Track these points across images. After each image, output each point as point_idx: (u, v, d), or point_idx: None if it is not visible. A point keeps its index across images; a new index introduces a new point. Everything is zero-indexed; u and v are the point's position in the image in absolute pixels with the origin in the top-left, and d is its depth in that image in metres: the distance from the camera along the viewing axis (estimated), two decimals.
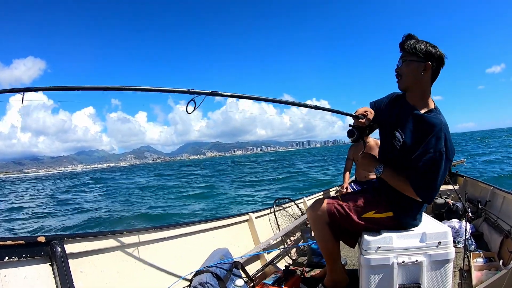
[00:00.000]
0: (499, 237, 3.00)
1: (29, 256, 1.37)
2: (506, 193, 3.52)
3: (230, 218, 2.98)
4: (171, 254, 2.18)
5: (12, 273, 1.30)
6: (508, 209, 3.36)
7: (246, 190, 19.66)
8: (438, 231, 1.79)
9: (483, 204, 3.94)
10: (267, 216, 3.67)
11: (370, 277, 1.80)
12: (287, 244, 3.54)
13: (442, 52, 1.87)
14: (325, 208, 2.08)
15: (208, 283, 1.88)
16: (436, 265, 1.76)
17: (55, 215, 14.30)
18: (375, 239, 1.81)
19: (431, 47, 1.85)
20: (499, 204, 3.65)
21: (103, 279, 1.68)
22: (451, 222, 3.69)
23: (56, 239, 1.48)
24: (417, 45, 1.85)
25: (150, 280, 1.92)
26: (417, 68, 1.86)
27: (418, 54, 1.85)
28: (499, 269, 2.40)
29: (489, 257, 2.75)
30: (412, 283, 1.77)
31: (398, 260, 1.76)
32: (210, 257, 2.29)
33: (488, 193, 4.04)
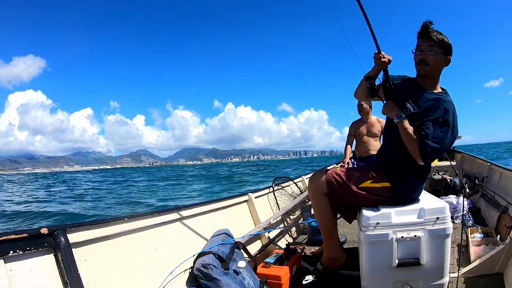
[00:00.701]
0: (496, 213, 3.04)
1: (33, 249, 1.37)
2: (503, 169, 3.54)
3: (230, 199, 2.99)
4: (173, 238, 2.20)
5: (18, 266, 1.31)
6: (505, 185, 3.38)
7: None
8: (436, 206, 1.81)
9: (480, 180, 3.98)
10: (267, 195, 3.69)
11: (370, 253, 1.83)
12: (287, 223, 3.58)
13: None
14: (323, 178, 2.13)
15: (210, 265, 1.90)
16: (435, 240, 1.78)
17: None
18: (374, 215, 1.83)
19: (449, 41, 1.94)
20: (496, 180, 3.68)
21: (108, 266, 1.69)
22: (448, 198, 3.73)
23: (59, 229, 1.49)
24: (444, 38, 1.92)
25: (153, 264, 1.94)
26: (442, 60, 1.95)
27: (445, 47, 1.93)
28: (496, 244, 2.44)
29: (486, 232, 2.80)
30: (411, 258, 1.79)
31: (397, 235, 1.78)
32: (212, 238, 2.31)
33: (485, 169, 4.07)
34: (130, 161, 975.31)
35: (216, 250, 2.05)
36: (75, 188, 26.60)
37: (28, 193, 22.50)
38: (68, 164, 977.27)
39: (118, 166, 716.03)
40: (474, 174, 4.39)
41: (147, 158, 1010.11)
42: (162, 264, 1.98)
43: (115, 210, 13.82)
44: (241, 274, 2.07)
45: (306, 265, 2.61)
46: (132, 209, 13.71)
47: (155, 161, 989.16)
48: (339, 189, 2.08)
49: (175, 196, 19.27)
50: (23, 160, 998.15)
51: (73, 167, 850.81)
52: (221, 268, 1.94)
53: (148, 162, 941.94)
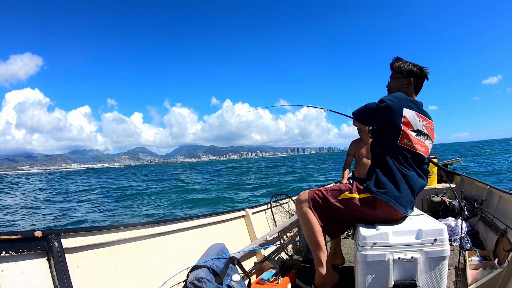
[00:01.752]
0: (494, 236, 3.02)
1: (26, 251, 1.36)
2: (503, 192, 3.53)
3: (227, 214, 2.98)
4: (168, 249, 2.18)
5: (10, 268, 1.30)
6: (504, 208, 3.37)
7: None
8: (434, 228, 1.80)
9: (479, 203, 3.95)
10: (264, 212, 3.67)
11: (366, 273, 1.81)
12: (284, 240, 3.54)
13: (425, 70, 2.32)
14: (307, 194, 2.31)
15: (204, 278, 1.88)
16: (432, 262, 1.77)
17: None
18: (371, 235, 1.81)
19: (413, 66, 2.31)
20: (495, 203, 3.66)
21: (100, 274, 1.67)
22: (447, 220, 3.71)
23: (53, 233, 1.48)
24: (402, 65, 2.33)
25: (146, 275, 1.92)
26: (402, 83, 2.32)
27: (402, 72, 2.32)
28: (494, 267, 2.41)
29: (484, 255, 2.77)
30: (408, 279, 1.77)
31: (394, 256, 1.76)
32: (207, 252, 2.29)
33: (484, 192, 4.05)
34: (128, 159, 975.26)
35: (211, 264, 2.03)
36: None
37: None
38: (66, 162, 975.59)
39: (116, 164, 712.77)
40: (473, 196, 4.37)
41: (145, 156, 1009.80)
42: (155, 275, 1.96)
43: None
44: None
45: (301, 284, 2.57)
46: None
47: (153, 158, 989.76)
48: (321, 203, 2.23)
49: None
50: (21, 159, 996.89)
51: (70, 165, 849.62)
52: (215, 282, 1.91)
53: (146, 159, 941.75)
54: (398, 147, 2.10)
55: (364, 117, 2.37)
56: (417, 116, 2.12)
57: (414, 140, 2.10)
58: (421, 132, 2.13)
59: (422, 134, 2.14)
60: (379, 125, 2.29)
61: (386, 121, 2.15)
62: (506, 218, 3.10)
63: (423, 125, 2.14)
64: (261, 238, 3.01)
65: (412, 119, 2.10)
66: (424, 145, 2.15)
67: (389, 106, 2.11)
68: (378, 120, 2.23)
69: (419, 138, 2.12)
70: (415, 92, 2.34)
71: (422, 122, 2.14)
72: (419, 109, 2.17)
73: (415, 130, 2.11)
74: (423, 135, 2.15)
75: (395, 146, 2.11)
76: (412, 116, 2.10)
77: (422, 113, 2.16)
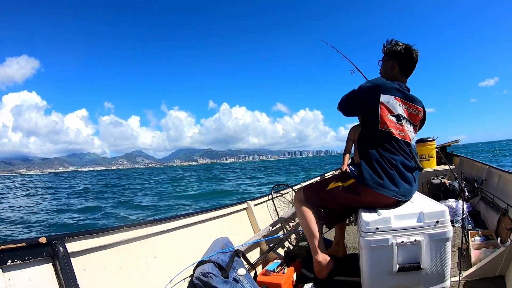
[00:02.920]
0: (496, 215, 3.03)
1: (31, 258, 1.37)
2: (502, 171, 3.54)
3: (229, 207, 2.98)
4: (172, 246, 2.19)
5: (16, 276, 1.30)
6: (504, 187, 3.38)
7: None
8: (436, 210, 1.80)
9: (480, 183, 3.97)
10: (266, 203, 3.68)
11: (370, 258, 1.82)
12: (287, 230, 3.56)
13: (412, 51, 2.22)
14: (301, 191, 2.43)
15: (210, 273, 1.88)
16: (435, 244, 1.78)
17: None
18: (373, 220, 1.82)
19: (398, 46, 2.24)
20: (495, 182, 3.68)
21: (107, 276, 1.68)
22: (448, 202, 3.72)
23: (58, 239, 1.48)
24: (387, 47, 2.30)
25: (152, 273, 1.93)
26: (387, 65, 2.29)
27: (387, 54, 2.29)
28: (497, 247, 2.43)
29: (486, 235, 2.79)
30: (412, 262, 1.78)
31: (397, 240, 1.77)
32: (211, 247, 2.30)
33: (484, 172, 4.07)
34: (125, 162, 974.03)
35: (216, 259, 2.04)
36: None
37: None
38: (63, 165, 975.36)
39: (113, 167, 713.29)
40: (473, 177, 4.39)
41: (142, 159, 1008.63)
42: (161, 273, 1.97)
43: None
44: (241, 282, 2.05)
45: (306, 272, 2.59)
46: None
47: (150, 162, 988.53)
48: (314, 197, 2.34)
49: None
50: (18, 162, 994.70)
51: (68, 169, 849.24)
52: (221, 276, 1.92)
53: (143, 163, 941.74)
54: (380, 132, 2.09)
55: (345, 107, 2.33)
56: (396, 101, 2.09)
57: (393, 125, 2.08)
58: (401, 117, 2.10)
59: (404, 119, 2.11)
60: (358, 112, 2.33)
61: (364, 108, 2.19)
62: (506, 197, 3.12)
63: (403, 110, 2.10)
64: (264, 230, 3.02)
65: (391, 104, 2.08)
66: (404, 129, 2.11)
67: (363, 92, 2.16)
68: (357, 107, 2.28)
69: (400, 123, 2.10)
70: (405, 75, 2.27)
71: (403, 106, 2.11)
72: (400, 93, 2.12)
73: (396, 115, 2.09)
74: (404, 119, 2.11)
75: (376, 132, 2.10)
76: (390, 101, 2.08)
77: (404, 98, 2.12)
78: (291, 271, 2.41)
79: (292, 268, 2.45)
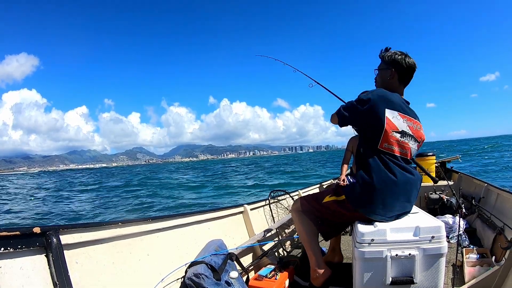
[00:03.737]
0: (492, 234, 3.03)
1: (24, 247, 1.36)
2: (500, 190, 3.54)
3: (225, 210, 2.98)
4: (166, 245, 2.18)
5: (8, 264, 1.30)
6: (501, 206, 3.38)
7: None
8: (432, 225, 1.80)
9: (477, 201, 3.97)
10: (262, 208, 3.68)
11: (363, 269, 1.81)
12: (282, 236, 3.55)
13: (410, 60, 2.16)
14: (298, 202, 2.46)
15: (202, 274, 1.88)
16: (429, 259, 1.77)
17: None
18: (369, 231, 1.82)
19: (397, 55, 2.16)
20: (493, 200, 3.67)
21: (99, 270, 1.67)
22: (444, 218, 3.72)
23: (52, 230, 1.47)
24: (386, 54, 2.21)
25: (145, 271, 1.92)
26: (385, 74, 2.20)
27: (386, 63, 2.20)
28: (491, 265, 2.42)
29: (482, 253, 2.78)
30: (405, 276, 1.78)
31: (391, 253, 1.77)
32: (205, 248, 2.29)
33: (482, 190, 4.06)
34: (126, 159, 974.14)
35: (209, 260, 2.03)
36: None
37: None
38: (63, 163, 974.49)
39: (114, 164, 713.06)
40: (471, 194, 4.38)
41: (143, 156, 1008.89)
42: (153, 271, 1.97)
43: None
44: (233, 285, 2.04)
45: (299, 280, 2.58)
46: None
47: (151, 158, 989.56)
48: (311, 208, 2.36)
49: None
50: (19, 160, 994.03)
51: (68, 166, 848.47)
52: (213, 278, 1.92)
53: (144, 159, 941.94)
54: (379, 151, 2.02)
55: (344, 120, 2.21)
56: (400, 117, 2.03)
57: (396, 142, 2.02)
58: (405, 133, 2.03)
59: (407, 135, 2.04)
60: (360, 127, 2.20)
61: (366, 123, 2.08)
62: (503, 216, 3.11)
63: (407, 126, 2.04)
64: (259, 234, 3.01)
65: (395, 120, 2.01)
66: (408, 146, 2.06)
67: (366, 105, 2.04)
68: (358, 121, 2.16)
69: (403, 139, 2.03)
70: (403, 84, 2.22)
71: (407, 122, 2.05)
72: (402, 108, 2.06)
73: (400, 132, 2.02)
74: (408, 136, 2.05)
75: (376, 151, 2.03)
76: (395, 117, 2.01)
77: (406, 113, 2.06)
78: (284, 277, 2.40)
79: (285, 274, 2.45)
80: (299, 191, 4.69)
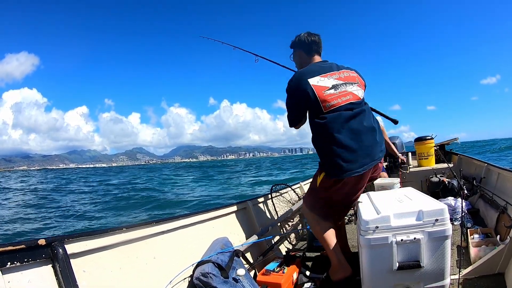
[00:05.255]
0: (495, 213, 3.04)
1: (31, 260, 1.36)
2: (501, 169, 3.55)
3: (228, 207, 2.98)
4: (172, 247, 2.18)
5: (16, 278, 1.30)
6: (503, 185, 3.39)
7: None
8: (435, 208, 1.80)
9: (478, 181, 3.98)
10: (265, 203, 3.68)
11: (370, 256, 1.82)
12: (286, 229, 3.56)
13: (306, 34, 2.47)
14: (303, 202, 2.54)
15: (210, 273, 1.88)
16: (435, 242, 1.78)
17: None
18: (372, 219, 1.82)
19: (296, 37, 2.52)
20: (494, 180, 3.68)
21: (107, 277, 1.68)
22: (447, 200, 3.73)
23: (57, 240, 1.48)
24: (292, 42, 2.57)
25: (152, 274, 1.93)
26: (298, 56, 2.55)
27: (294, 48, 2.58)
28: (496, 244, 2.43)
29: (486, 233, 2.79)
30: (412, 260, 1.78)
31: (396, 238, 1.77)
32: (211, 247, 2.30)
33: (482, 170, 4.08)
34: (126, 159, 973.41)
35: (215, 259, 2.03)
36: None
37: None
38: (63, 162, 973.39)
39: (114, 164, 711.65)
40: (471, 175, 4.40)
41: (143, 156, 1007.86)
42: (161, 273, 1.97)
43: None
44: (241, 282, 2.05)
45: (306, 272, 2.59)
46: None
47: (150, 159, 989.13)
48: (313, 199, 2.42)
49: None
50: (18, 159, 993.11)
51: (68, 166, 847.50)
52: (221, 276, 1.92)
53: (144, 160, 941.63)
54: (327, 114, 2.16)
55: (293, 118, 2.39)
56: (323, 77, 2.22)
57: (335, 96, 2.18)
58: (337, 85, 2.21)
59: (339, 85, 2.22)
60: (304, 111, 2.34)
61: (303, 100, 2.23)
62: (505, 194, 3.12)
63: (334, 79, 2.24)
64: (263, 230, 3.02)
65: (321, 82, 2.20)
66: (348, 92, 2.22)
67: (293, 88, 2.28)
68: (298, 106, 2.30)
69: (339, 90, 2.20)
70: (317, 54, 2.48)
71: (332, 77, 2.24)
72: (322, 70, 2.27)
73: (331, 87, 2.20)
74: (341, 86, 2.22)
75: (323, 116, 2.17)
76: (318, 81, 2.20)
77: (326, 71, 2.26)
78: (291, 271, 2.41)
79: (292, 267, 2.45)
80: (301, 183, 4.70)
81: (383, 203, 2.01)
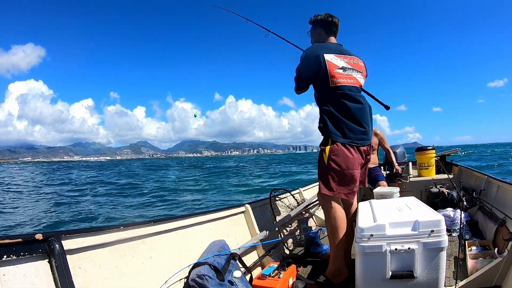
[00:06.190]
0: (494, 226, 3.03)
1: (27, 254, 1.38)
2: (501, 182, 3.54)
3: (227, 210, 2.98)
4: (169, 247, 2.19)
5: (11, 271, 1.31)
6: (502, 198, 3.38)
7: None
8: (431, 219, 1.81)
9: (478, 193, 3.97)
10: (263, 207, 3.68)
11: (364, 264, 1.83)
12: (284, 234, 3.56)
13: (330, 16, 2.63)
14: (320, 194, 2.48)
15: (206, 275, 1.89)
16: (429, 253, 1.78)
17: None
18: (368, 226, 1.83)
19: (319, 16, 2.66)
20: (493, 192, 3.68)
21: (102, 274, 1.68)
22: (446, 211, 3.73)
23: (54, 235, 1.49)
24: (312, 19, 2.70)
25: (148, 274, 1.93)
26: (315, 33, 2.71)
27: (313, 25, 2.72)
28: (494, 257, 2.42)
29: (484, 245, 2.78)
30: (405, 270, 1.79)
31: (390, 247, 1.78)
32: (208, 249, 2.31)
33: (482, 182, 4.06)
34: (130, 153, 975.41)
35: (212, 261, 2.04)
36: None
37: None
38: (68, 154, 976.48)
39: (118, 158, 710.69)
40: (471, 187, 4.38)
41: (147, 150, 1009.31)
42: (157, 273, 1.98)
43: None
44: (237, 285, 2.06)
45: (302, 278, 2.59)
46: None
47: (155, 153, 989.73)
48: (329, 180, 2.40)
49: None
50: (23, 150, 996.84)
51: (72, 158, 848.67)
52: (216, 279, 1.93)
53: (148, 154, 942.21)
54: (332, 89, 2.41)
55: (300, 82, 2.55)
56: (337, 57, 2.45)
57: (342, 76, 2.42)
58: (346, 68, 2.46)
59: (348, 69, 2.46)
60: (312, 78, 2.50)
61: (313, 71, 2.43)
62: (504, 207, 3.12)
63: (345, 62, 2.48)
64: (261, 234, 3.02)
65: (334, 60, 2.42)
66: (353, 77, 2.48)
67: (309, 58, 2.45)
68: (308, 74, 2.48)
69: (346, 73, 2.45)
70: (333, 36, 2.67)
71: (343, 60, 2.48)
72: (338, 50, 2.51)
73: (341, 68, 2.43)
74: (349, 69, 2.47)
75: (328, 89, 2.42)
76: (333, 58, 2.43)
77: (342, 53, 2.50)
78: (287, 276, 2.42)
79: (288, 272, 2.46)
80: (300, 189, 4.70)
81: (382, 212, 2.02)
